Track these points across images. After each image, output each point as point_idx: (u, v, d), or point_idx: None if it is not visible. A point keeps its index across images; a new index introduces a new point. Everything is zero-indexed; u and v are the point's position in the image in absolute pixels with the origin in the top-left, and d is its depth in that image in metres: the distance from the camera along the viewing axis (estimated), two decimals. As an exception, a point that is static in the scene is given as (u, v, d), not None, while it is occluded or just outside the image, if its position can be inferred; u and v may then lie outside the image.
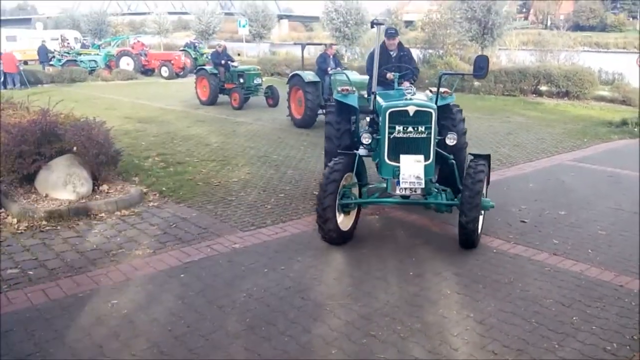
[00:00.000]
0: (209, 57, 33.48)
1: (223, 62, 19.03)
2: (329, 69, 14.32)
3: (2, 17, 66.50)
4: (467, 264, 5.95)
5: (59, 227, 6.94)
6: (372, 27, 7.79)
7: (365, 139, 6.60)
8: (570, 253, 6.26)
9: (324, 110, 11.94)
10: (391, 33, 8.40)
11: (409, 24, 51.08)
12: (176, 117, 16.53)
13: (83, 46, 35.71)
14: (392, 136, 6.30)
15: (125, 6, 75.26)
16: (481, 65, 6.95)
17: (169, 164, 10.24)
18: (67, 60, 30.09)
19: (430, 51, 29.10)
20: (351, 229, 6.63)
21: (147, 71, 32.18)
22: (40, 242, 6.49)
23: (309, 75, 14.49)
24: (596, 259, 6.09)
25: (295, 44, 26.29)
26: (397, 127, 6.24)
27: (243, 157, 11.03)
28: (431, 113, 6.27)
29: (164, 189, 8.62)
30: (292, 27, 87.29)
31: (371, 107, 7.40)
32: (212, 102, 19.05)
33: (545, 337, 4.49)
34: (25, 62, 29.92)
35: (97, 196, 7.80)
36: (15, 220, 7.08)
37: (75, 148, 7.83)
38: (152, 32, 49.74)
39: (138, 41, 36.71)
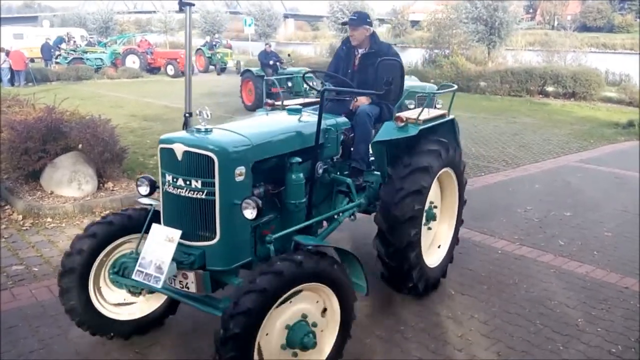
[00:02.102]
0: (220, 57, 33.53)
1: (271, 62, 17.30)
2: None
3: (10, 15, 66.80)
4: (472, 264, 5.93)
5: (64, 224, 6.96)
6: (180, 10, 5.79)
7: (142, 188, 4.19)
8: (576, 255, 6.24)
9: None
10: (352, 20, 5.42)
11: (415, 23, 51.03)
12: (181, 115, 16.37)
13: (89, 44, 35.74)
14: (164, 189, 3.86)
15: (131, 5, 75.41)
16: (388, 78, 4.35)
17: (174, 162, 10.21)
18: (74, 58, 30.20)
19: (436, 51, 29.10)
20: (153, 315, 4.45)
21: (152, 69, 32.24)
22: (45, 238, 6.51)
23: None
24: (602, 261, 6.06)
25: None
26: (167, 177, 3.81)
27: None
28: (212, 160, 3.63)
29: (168, 187, 8.60)
30: (298, 26, 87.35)
31: None
32: (257, 107, 16.89)
33: (549, 338, 4.48)
34: (32, 60, 30.00)
35: (102, 193, 7.82)
36: (20, 217, 7.11)
37: (80, 145, 7.84)
38: (158, 31, 49.91)
39: (144, 39, 36.79)
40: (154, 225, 3.80)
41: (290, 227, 4.20)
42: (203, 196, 3.68)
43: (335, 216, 5.06)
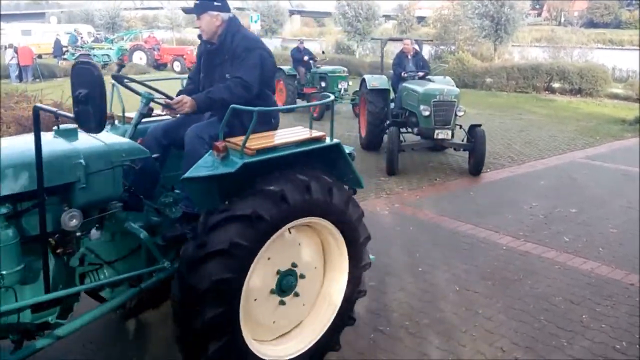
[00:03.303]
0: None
1: (306, 58, 16.18)
2: (402, 72, 10.83)
3: (18, 11, 67.09)
4: (477, 260, 5.94)
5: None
6: None
7: None
8: (581, 251, 6.24)
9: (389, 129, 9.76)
10: (195, 6, 4.05)
11: (421, 19, 50.81)
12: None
13: (96, 40, 35.85)
14: None
15: (138, 1, 75.53)
16: (79, 94, 2.76)
17: (180, 158, 10.23)
18: (81, 54, 30.32)
19: (442, 47, 29.06)
20: None
21: (159, 65, 32.32)
22: (53, 234, 6.54)
23: (374, 81, 11.08)
24: (607, 258, 6.06)
25: (372, 39, 24.75)
26: None
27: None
28: None
29: (175, 183, 8.63)
30: (304, 22, 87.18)
31: None
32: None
33: (554, 334, 4.49)
34: (40, 56, 30.17)
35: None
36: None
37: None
38: (165, 27, 50.00)
39: (151, 36, 36.88)
40: None
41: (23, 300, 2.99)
42: None
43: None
